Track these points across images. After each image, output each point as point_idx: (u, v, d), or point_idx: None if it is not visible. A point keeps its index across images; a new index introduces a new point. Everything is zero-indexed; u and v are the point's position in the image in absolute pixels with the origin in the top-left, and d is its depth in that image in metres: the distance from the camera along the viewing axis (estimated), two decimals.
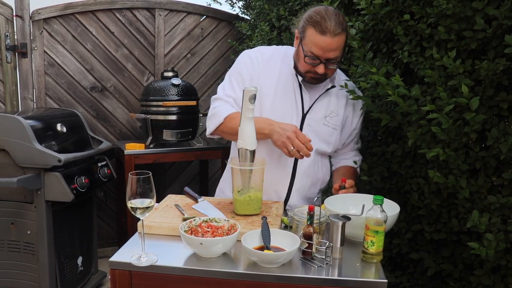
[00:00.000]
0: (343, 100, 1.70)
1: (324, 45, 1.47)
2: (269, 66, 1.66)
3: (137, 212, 1.18)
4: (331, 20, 1.44)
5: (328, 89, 1.66)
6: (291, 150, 1.45)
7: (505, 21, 1.21)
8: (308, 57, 1.52)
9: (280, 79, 1.64)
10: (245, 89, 1.42)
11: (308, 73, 1.57)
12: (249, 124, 1.47)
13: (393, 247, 1.78)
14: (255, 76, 1.64)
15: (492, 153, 1.31)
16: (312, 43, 1.49)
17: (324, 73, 1.54)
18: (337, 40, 1.47)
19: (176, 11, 3.43)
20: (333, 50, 1.48)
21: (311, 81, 1.60)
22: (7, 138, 2.22)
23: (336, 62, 1.53)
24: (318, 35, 1.46)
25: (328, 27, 1.44)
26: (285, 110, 1.63)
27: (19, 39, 2.97)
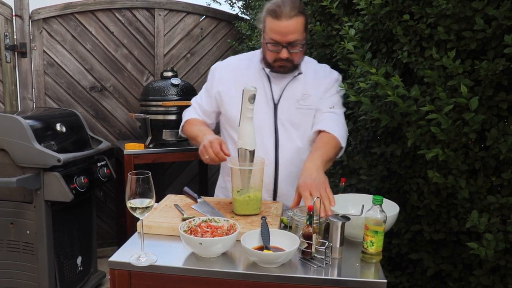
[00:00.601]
0: (312, 81, 1.72)
1: (281, 29, 1.53)
2: (237, 70, 1.76)
3: (136, 212, 1.18)
4: (285, 6, 1.52)
5: (296, 76, 1.70)
6: (205, 158, 1.54)
7: (504, 21, 1.21)
8: (270, 44, 1.58)
9: (248, 78, 1.71)
10: (244, 89, 1.43)
11: (276, 62, 1.63)
12: (249, 124, 1.48)
13: (392, 247, 1.78)
14: (216, 81, 1.77)
15: (492, 153, 1.32)
16: (271, 29, 1.56)
17: (288, 58, 1.59)
18: (293, 22, 1.53)
19: (175, 11, 3.43)
20: (291, 33, 1.54)
21: (280, 70, 1.65)
22: (7, 138, 2.22)
23: (298, 45, 1.58)
24: (275, 21, 1.53)
25: (283, 12, 1.51)
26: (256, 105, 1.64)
27: (19, 38, 2.97)
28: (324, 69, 1.80)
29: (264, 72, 1.70)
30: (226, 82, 1.75)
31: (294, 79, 1.70)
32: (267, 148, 1.69)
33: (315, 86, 1.72)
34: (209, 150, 1.51)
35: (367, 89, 1.63)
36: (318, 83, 1.73)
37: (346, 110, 1.82)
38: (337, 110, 1.73)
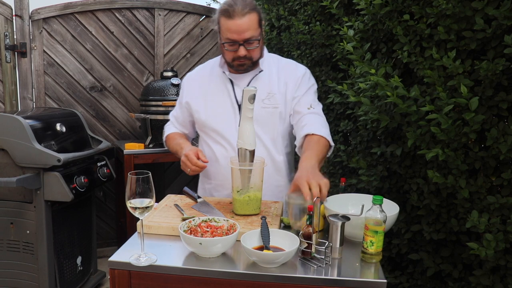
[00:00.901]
0: (275, 78, 1.73)
1: (236, 28, 1.55)
2: (201, 78, 1.81)
3: (136, 212, 1.18)
4: (237, 4, 1.54)
5: (257, 74, 1.71)
6: (188, 172, 1.60)
7: (504, 21, 1.21)
8: (227, 44, 1.61)
9: (211, 84, 1.76)
10: (244, 89, 1.44)
11: (235, 61, 1.65)
12: (249, 124, 1.48)
13: (392, 247, 1.78)
14: (185, 91, 1.83)
15: (492, 153, 1.32)
16: (225, 29, 1.58)
17: (246, 55, 1.61)
18: (247, 20, 1.55)
19: (175, 11, 3.43)
20: (246, 30, 1.56)
21: (239, 68, 1.67)
22: (7, 138, 2.22)
23: (254, 41, 1.60)
24: (228, 20, 1.56)
25: (235, 10, 1.54)
26: (220, 109, 1.73)
27: (19, 38, 2.97)
28: (289, 65, 1.78)
29: (225, 76, 1.72)
30: (193, 92, 1.80)
31: (255, 78, 1.71)
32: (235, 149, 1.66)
33: (281, 85, 1.72)
34: (188, 164, 1.58)
35: (367, 90, 1.63)
36: (283, 80, 1.73)
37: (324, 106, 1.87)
38: (316, 108, 1.73)
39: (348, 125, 2.07)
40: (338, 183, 2.07)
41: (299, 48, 2.44)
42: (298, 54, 2.42)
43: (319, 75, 2.29)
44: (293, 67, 1.78)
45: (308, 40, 2.28)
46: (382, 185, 1.77)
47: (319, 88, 2.29)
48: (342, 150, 2.12)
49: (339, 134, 2.22)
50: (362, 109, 1.70)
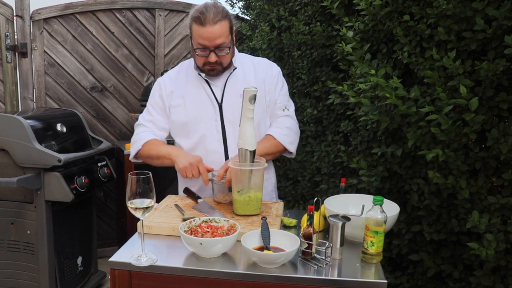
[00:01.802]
0: (251, 76, 1.76)
1: (207, 35, 1.58)
2: (178, 81, 1.79)
3: (137, 212, 1.18)
4: (209, 12, 1.57)
5: (231, 72, 1.74)
6: (189, 176, 1.59)
7: (505, 22, 1.21)
8: (198, 50, 1.63)
9: (188, 85, 1.76)
10: (245, 89, 1.44)
11: (205, 66, 1.67)
12: (249, 124, 1.48)
13: (393, 248, 1.78)
14: (165, 97, 1.78)
15: (492, 153, 1.31)
16: (197, 35, 1.60)
17: (217, 61, 1.64)
18: (218, 27, 1.58)
19: (176, 11, 3.43)
20: (217, 37, 1.59)
21: (210, 73, 1.70)
22: (7, 138, 2.22)
23: (225, 48, 1.63)
24: (200, 27, 1.58)
25: (207, 18, 1.57)
26: (200, 109, 1.73)
27: (19, 39, 2.98)
28: (264, 63, 1.84)
29: (201, 77, 1.73)
30: (171, 94, 1.78)
31: (231, 76, 1.74)
32: (216, 149, 1.72)
33: (258, 81, 1.76)
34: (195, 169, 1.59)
35: (367, 90, 1.63)
36: (260, 78, 1.77)
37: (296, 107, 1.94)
38: (290, 109, 1.85)
39: (349, 125, 2.07)
40: (338, 183, 2.07)
41: (299, 49, 2.44)
42: (298, 55, 2.42)
43: (320, 76, 2.29)
44: (268, 65, 1.83)
45: (308, 40, 2.28)
46: (382, 186, 1.77)
47: (320, 89, 2.29)
48: (342, 151, 2.12)
49: (339, 135, 2.23)
50: (363, 110, 1.70)
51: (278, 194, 2.04)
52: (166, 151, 1.71)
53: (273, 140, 1.75)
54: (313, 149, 2.36)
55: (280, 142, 1.76)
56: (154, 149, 1.75)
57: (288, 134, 1.79)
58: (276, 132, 1.77)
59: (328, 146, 2.26)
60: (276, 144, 1.76)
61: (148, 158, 1.79)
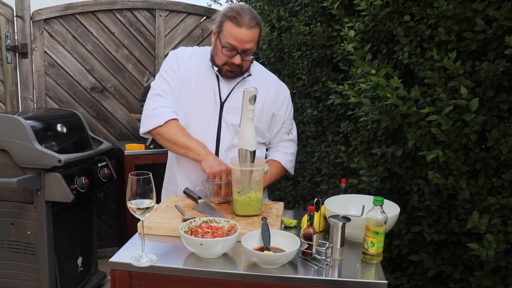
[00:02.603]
0: (262, 90, 1.73)
1: (241, 36, 1.59)
2: (190, 62, 1.77)
3: (137, 213, 1.18)
4: (246, 15, 1.59)
5: (245, 77, 1.75)
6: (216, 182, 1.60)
7: (505, 22, 1.21)
8: (225, 48, 1.62)
9: (200, 73, 1.75)
10: (245, 90, 1.44)
11: (225, 66, 1.67)
12: (249, 125, 1.48)
13: (393, 248, 1.78)
14: (180, 69, 1.75)
15: (492, 154, 1.31)
16: (230, 35, 1.60)
17: (240, 64, 1.65)
18: (252, 32, 1.60)
19: (176, 12, 3.43)
20: (248, 41, 1.61)
21: (227, 73, 1.70)
22: (7, 139, 2.22)
23: (251, 53, 1.65)
24: (236, 28, 1.59)
25: (244, 21, 1.58)
26: (203, 100, 1.73)
27: (20, 39, 2.98)
28: (276, 82, 1.86)
29: (213, 70, 1.73)
30: (183, 72, 1.74)
31: (243, 81, 1.75)
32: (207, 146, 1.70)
33: (267, 97, 1.78)
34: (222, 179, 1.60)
35: (367, 90, 1.63)
36: (271, 95, 1.80)
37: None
38: (293, 133, 1.93)
39: (349, 126, 2.07)
40: (338, 184, 2.08)
41: (299, 49, 2.44)
42: (298, 55, 2.42)
43: (320, 76, 2.29)
44: (280, 87, 1.86)
45: (308, 41, 2.28)
46: (382, 186, 1.77)
47: (320, 89, 2.29)
48: (342, 151, 2.12)
49: (339, 135, 2.22)
50: (363, 110, 1.70)
51: (279, 194, 2.05)
52: (195, 146, 1.65)
53: (279, 167, 1.85)
54: (313, 149, 2.36)
55: (285, 168, 1.87)
56: (180, 136, 1.67)
57: (292, 160, 1.91)
58: (283, 159, 1.86)
59: (328, 147, 2.26)
60: (281, 172, 1.87)
61: (168, 141, 1.69)
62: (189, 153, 1.67)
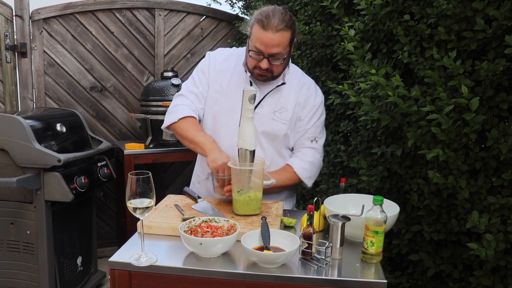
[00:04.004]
0: (293, 97, 1.73)
1: (266, 40, 1.54)
2: (225, 65, 1.76)
3: (136, 212, 1.17)
4: (275, 18, 1.53)
5: (279, 85, 1.71)
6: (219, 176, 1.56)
7: (505, 22, 1.21)
8: (252, 52, 1.60)
9: (233, 75, 1.73)
10: (245, 89, 1.44)
11: (255, 69, 1.64)
12: (249, 124, 1.48)
13: (392, 248, 1.78)
14: (210, 71, 1.75)
15: (492, 153, 1.31)
16: (256, 38, 1.56)
17: (268, 68, 1.60)
18: (279, 36, 1.53)
19: (176, 11, 3.43)
20: (275, 45, 1.55)
21: (258, 77, 1.66)
22: (7, 138, 2.22)
23: (280, 58, 1.59)
24: (261, 31, 1.54)
25: (270, 23, 1.52)
26: (234, 105, 1.67)
27: (19, 39, 2.97)
28: (309, 86, 1.79)
29: (246, 75, 1.70)
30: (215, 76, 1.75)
31: (277, 89, 1.71)
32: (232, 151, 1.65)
33: (297, 102, 1.73)
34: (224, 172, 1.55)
35: (367, 90, 1.63)
36: (301, 100, 1.74)
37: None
38: (319, 142, 1.80)
39: (349, 125, 2.07)
40: (338, 183, 2.08)
41: (299, 48, 2.44)
42: (298, 55, 2.42)
43: (319, 76, 2.29)
44: (312, 91, 1.79)
45: (308, 40, 2.28)
46: (382, 186, 1.77)
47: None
48: (342, 151, 2.12)
49: (339, 135, 2.22)
50: (363, 109, 1.70)
51: None
52: (202, 140, 1.65)
53: (292, 173, 1.74)
54: None
55: (298, 175, 1.74)
56: (190, 131, 1.70)
57: (309, 169, 1.77)
58: (297, 165, 1.75)
59: (328, 146, 2.26)
60: (293, 178, 1.74)
61: (180, 136, 1.74)
62: (196, 148, 1.68)
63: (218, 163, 1.54)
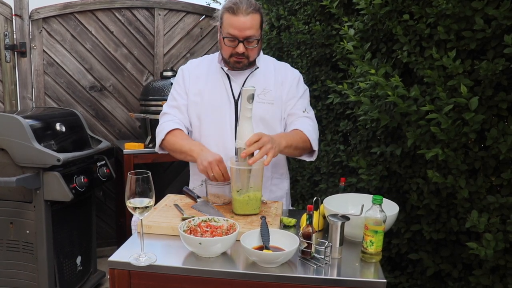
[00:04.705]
0: (270, 77, 1.77)
1: (239, 24, 1.60)
2: (198, 70, 1.82)
3: (136, 212, 1.17)
4: (242, 3, 1.60)
5: (253, 71, 1.75)
6: (211, 175, 1.55)
7: (504, 21, 1.21)
8: (227, 39, 1.64)
9: (208, 76, 1.78)
10: (243, 89, 1.45)
11: (231, 58, 1.68)
12: (248, 124, 1.48)
13: (392, 247, 1.78)
14: (187, 82, 1.81)
15: (491, 153, 1.32)
16: (228, 24, 1.62)
17: (244, 52, 1.65)
18: (250, 18, 1.60)
19: (175, 11, 3.43)
20: (248, 28, 1.60)
21: (235, 65, 1.70)
22: (6, 138, 2.21)
23: (254, 40, 1.64)
24: (232, 16, 1.60)
25: (240, 8, 1.59)
26: (217, 102, 1.74)
27: (18, 38, 2.97)
28: (285, 66, 1.85)
29: (223, 71, 1.75)
30: (191, 84, 1.80)
31: (252, 74, 1.76)
32: (227, 144, 1.72)
33: (277, 82, 1.77)
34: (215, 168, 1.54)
35: (367, 89, 1.63)
36: (279, 80, 1.78)
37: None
38: (310, 113, 1.81)
39: (348, 125, 2.07)
40: (338, 183, 2.08)
41: (298, 48, 2.44)
42: (297, 54, 2.42)
43: (319, 75, 2.29)
44: (289, 69, 1.84)
45: (308, 39, 2.28)
46: (382, 185, 1.77)
47: (319, 88, 2.29)
48: (341, 150, 2.12)
49: (338, 134, 2.23)
50: (362, 109, 1.70)
51: None
52: (188, 147, 1.67)
53: (302, 134, 1.68)
54: None
55: (307, 136, 1.69)
56: (177, 142, 1.72)
57: (313, 131, 1.74)
58: (304, 129, 1.70)
59: (327, 146, 2.26)
60: (304, 139, 1.68)
61: (171, 151, 1.76)
62: (187, 157, 1.69)
63: (204, 164, 1.55)
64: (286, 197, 1.89)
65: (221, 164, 1.56)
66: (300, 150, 1.70)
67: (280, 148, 1.54)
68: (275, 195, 1.82)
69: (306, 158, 1.78)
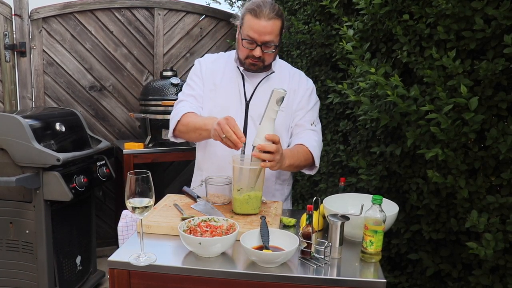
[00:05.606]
0: (284, 84, 1.76)
1: (259, 28, 1.59)
2: (215, 65, 1.81)
3: (136, 212, 1.17)
4: (266, 7, 1.59)
5: (268, 75, 1.74)
6: (223, 137, 1.44)
7: (504, 21, 1.21)
8: (245, 41, 1.63)
9: (225, 73, 1.77)
10: (274, 90, 1.43)
11: (247, 59, 1.67)
12: (270, 125, 1.45)
13: (392, 247, 1.78)
14: (205, 74, 1.79)
15: (491, 153, 1.32)
16: (249, 27, 1.61)
17: (261, 56, 1.64)
18: (271, 24, 1.59)
19: (175, 11, 3.43)
20: (268, 33, 1.60)
21: (250, 67, 1.70)
22: (6, 137, 2.21)
23: (272, 46, 1.63)
24: (254, 19, 1.59)
25: (262, 12, 1.58)
26: (228, 99, 1.73)
27: (18, 38, 2.97)
28: (299, 74, 1.83)
29: (238, 71, 1.74)
30: (207, 77, 1.79)
31: (267, 78, 1.75)
32: None
33: (290, 90, 1.74)
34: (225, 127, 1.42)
35: (366, 89, 1.63)
36: (292, 88, 1.77)
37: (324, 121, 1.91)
38: (317, 126, 1.81)
39: (348, 124, 2.07)
40: (337, 182, 2.08)
41: (298, 48, 2.44)
42: (297, 54, 2.42)
43: (319, 75, 2.29)
44: (303, 78, 1.83)
45: (307, 39, 2.28)
46: (381, 185, 1.77)
47: (319, 88, 2.29)
48: (341, 150, 2.12)
49: (338, 134, 2.23)
50: (362, 109, 1.70)
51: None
52: (202, 122, 1.62)
53: (306, 151, 1.67)
54: None
55: (312, 154, 1.68)
56: (191, 121, 1.67)
57: (318, 147, 1.73)
58: (310, 144, 1.69)
59: (327, 146, 2.26)
60: (307, 157, 1.68)
61: (186, 133, 1.70)
62: (202, 132, 1.62)
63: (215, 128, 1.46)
64: (286, 202, 1.90)
65: (231, 122, 1.44)
66: (301, 167, 1.72)
67: (282, 167, 1.54)
68: (276, 200, 1.82)
69: (306, 171, 1.78)
